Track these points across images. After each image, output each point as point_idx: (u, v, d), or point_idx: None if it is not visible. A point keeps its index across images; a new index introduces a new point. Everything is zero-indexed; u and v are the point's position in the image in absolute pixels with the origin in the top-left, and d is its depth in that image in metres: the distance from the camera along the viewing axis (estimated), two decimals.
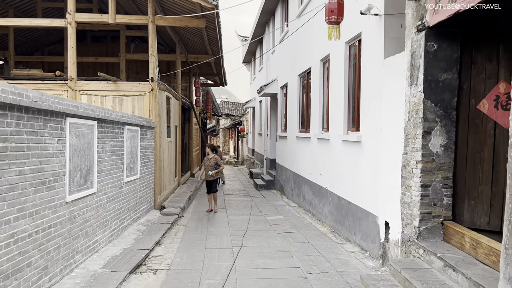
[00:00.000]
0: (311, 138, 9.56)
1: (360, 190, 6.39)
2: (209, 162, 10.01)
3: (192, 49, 14.58)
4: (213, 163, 9.98)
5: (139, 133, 8.01)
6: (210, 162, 10.00)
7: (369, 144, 6.06)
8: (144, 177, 8.48)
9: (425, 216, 4.59)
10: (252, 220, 9.11)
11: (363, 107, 6.32)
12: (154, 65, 9.55)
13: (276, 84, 14.60)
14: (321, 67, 8.94)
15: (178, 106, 13.66)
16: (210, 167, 9.95)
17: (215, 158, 10.01)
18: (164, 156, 10.75)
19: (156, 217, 8.65)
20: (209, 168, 9.95)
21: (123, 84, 9.57)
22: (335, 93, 7.73)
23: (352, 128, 7.07)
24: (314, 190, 9.24)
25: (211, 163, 9.98)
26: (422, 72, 4.57)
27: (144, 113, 9.47)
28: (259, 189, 14.58)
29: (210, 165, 9.97)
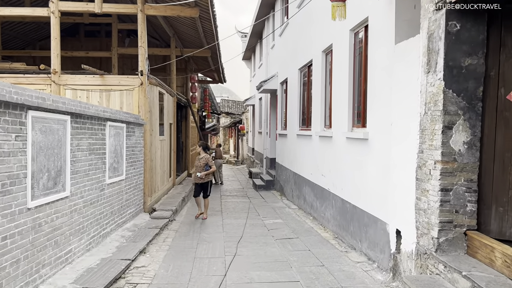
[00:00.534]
0: (312, 135, 8.89)
1: (367, 193, 5.73)
2: (199, 162, 8.90)
3: (188, 43, 13.92)
4: (202, 164, 8.82)
5: (125, 130, 7.36)
6: (200, 162, 8.88)
7: (377, 142, 5.40)
8: (131, 178, 7.82)
9: (445, 225, 3.92)
10: (249, 224, 8.45)
11: (371, 100, 5.65)
12: (143, 57, 8.89)
13: (275, 80, 13.93)
14: (323, 59, 8.27)
15: (173, 102, 13.02)
16: (200, 168, 8.83)
17: (205, 158, 8.88)
18: (156, 155, 10.10)
19: (144, 221, 8.00)
20: (198, 169, 8.86)
21: (111, 78, 8.92)
22: (339, 87, 7.07)
23: (357, 124, 6.41)
24: (316, 191, 8.58)
25: (200, 164, 8.86)
26: (442, 56, 3.90)
27: (133, 109, 8.81)
28: (258, 190, 13.93)
29: (199, 166, 8.85)
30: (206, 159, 8.87)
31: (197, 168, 8.92)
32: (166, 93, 11.77)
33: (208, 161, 8.87)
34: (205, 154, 8.96)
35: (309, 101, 9.54)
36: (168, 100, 12.18)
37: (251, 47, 22.31)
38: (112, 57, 12.95)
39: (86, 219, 5.64)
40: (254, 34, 19.47)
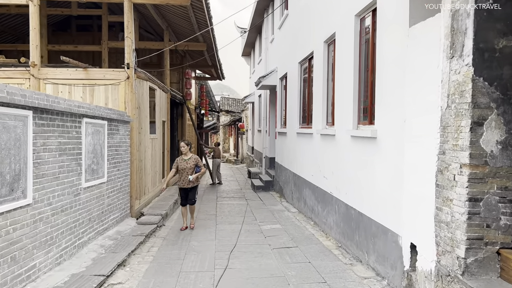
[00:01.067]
0: (313, 134, 8.20)
1: (375, 199, 5.03)
2: (187, 164, 7.63)
3: (182, 36, 13.21)
4: (192, 165, 7.66)
5: (106, 127, 6.68)
6: (188, 164, 7.63)
7: (387, 141, 4.70)
8: (115, 180, 7.15)
9: (474, 243, 3.23)
10: (244, 230, 7.77)
11: (379, 94, 4.95)
12: (130, 49, 8.20)
13: (275, 75, 13.23)
14: (325, 50, 7.57)
15: (166, 99, 12.33)
16: (189, 170, 7.63)
17: (194, 158, 7.74)
18: (145, 155, 9.42)
19: (130, 227, 7.33)
20: (187, 171, 7.62)
21: (95, 71, 8.23)
22: (342, 80, 6.37)
23: (363, 121, 5.71)
24: (317, 195, 7.89)
25: (189, 165, 7.62)
26: (470, 37, 3.20)
27: (119, 105, 8.13)
28: (256, 191, 13.24)
29: (188, 168, 7.62)
30: (195, 159, 7.77)
31: (183, 171, 7.64)
32: (158, 89, 11.08)
33: (198, 161, 7.81)
34: (192, 154, 7.87)
35: (310, 97, 8.85)
36: (161, 96, 11.50)
37: (251, 42, 21.62)
38: (103, 51, 12.26)
39: (56, 228, 4.96)
40: (253, 29, 18.75)
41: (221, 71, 18.43)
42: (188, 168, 7.66)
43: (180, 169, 7.67)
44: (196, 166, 7.78)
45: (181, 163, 7.69)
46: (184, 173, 7.66)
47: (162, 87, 11.35)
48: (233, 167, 25.40)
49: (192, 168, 7.70)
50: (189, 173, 7.66)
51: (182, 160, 7.73)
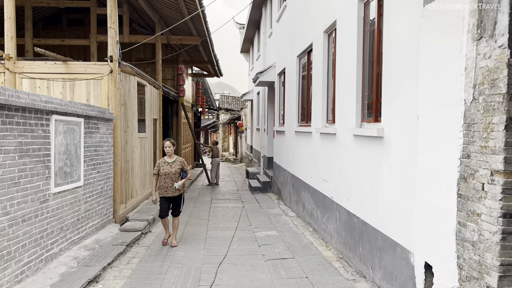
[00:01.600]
0: (312, 132, 7.55)
1: (382, 208, 4.38)
2: (171, 168, 6.40)
3: (175, 30, 12.57)
4: (177, 170, 6.46)
5: (83, 126, 6.04)
6: (173, 168, 6.41)
7: (396, 141, 4.05)
8: (94, 184, 6.51)
9: (509, 270, 2.58)
10: (237, 237, 7.13)
11: (387, 87, 4.30)
12: (113, 40, 7.55)
13: (273, 71, 12.58)
14: (324, 41, 6.91)
15: (158, 96, 11.68)
16: (173, 175, 6.41)
17: (180, 161, 6.53)
18: (133, 155, 8.79)
19: (111, 235, 6.69)
20: (171, 177, 6.40)
21: (76, 65, 7.59)
22: (344, 73, 5.72)
23: (368, 119, 5.06)
24: (316, 199, 7.25)
25: (174, 170, 6.41)
26: (505, 11, 2.55)
27: (101, 101, 7.50)
28: (253, 192, 12.61)
29: (172, 173, 6.39)
30: (180, 162, 6.57)
31: (168, 177, 6.40)
32: (149, 85, 10.44)
33: (184, 164, 6.61)
34: (177, 156, 6.64)
35: (309, 93, 8.20)
36: (152, 92, 10.86)
37: (249, 38, 20.96)
38: (91, 45, 11.65)
39: (15, 241, 4.33)
40: (251, 23, 18.10)
41: (218, 68, 17.78)
42: (173, 173, 6.42)
43: (162, 174, 6.42)
44: (182, 170, 6.62)
45: (164, 167, 6.44)
46: (167, 179, 6.41)
47: (153, 83, 10.71)
48: (231, 166, 24.77)
49: (178, 173, 6.50)
50: (174, 179, 6.44)
51: (165, 164, 6.48)
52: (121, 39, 11.64)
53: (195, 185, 14.86)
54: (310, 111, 8.01)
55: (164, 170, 6.44)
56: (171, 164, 6.51)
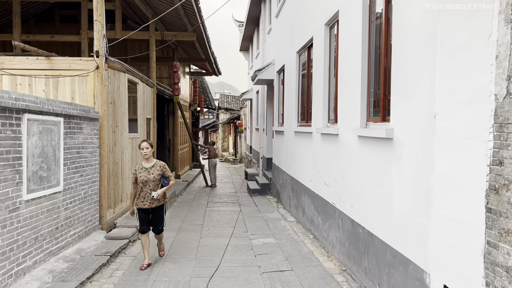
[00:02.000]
0: (312, 133, 7.05)
1: (391, 219, 3.88)
2: (149, 174, 5.40)
3: (170, 26, 12.09)
4: (157, 176, 5.44)
5: (63, 126, 5.55)
6: (152, 174, 5.41)
7: (408, 143, 3.55)
8: (77, 188, 6.02)
9: None
10: (232, 245, 6.64)
11: (397, 82, 3.79)
12: (99, 34, 7.06)
13: (272, 69, 12.08)
14: (326, 34, 6.41)
15: (152, 94, 11.19)
16: (152, 183, 5.42)
17: (160, 166, 5.52)
18: (123, 156, 8.30)
19: (95, 243, 6.20)
20: (149, 185, 5.41)
21: (60, 61, 7.10)
22: (347, 67, 5.22)
23: (374, 118, 4.56)
24: (317, 204, 6.75)
25: (153, 176, 5.41)
26: None
27: (87, 99, 7.01)
28: (252, 195, 12.11)
29: (151, 180, 5.40)
30: (161, 167, 5.54)
31: (146, 185, 5.40)
32: (141, 83, 9.95)
33: (165, 170, 5.56)
34: (157, 160, 5.65)
35: (309, 91, 7.70)
36: (145, 91, 10.37)
37: (249, 36, 20.46)
38: (82, 42, 11.17)
39: None
40: (250, 20, 17.59)
41: (216, 66, 17.28)
42: (152, 180, 5.39)
43: (140, 182, 5.40)
44: (163, 177, 5.57)
45: (142, 174, 5.40)
46: (146, 188, 5.40)
47: (145, 80, 10.22)
48: (230, 167, 24.29)
49: (158, 180, 5.47)
50: (153, 187, 5.41)
51: (142, 170, 5.45)
52: (113, 35, 11.19)
53: (192, 187, 14.38)
54: (310, 110, 7.51)
55: (142, 177, 5.39)
56: (149, 169, 5.45)
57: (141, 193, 5.46)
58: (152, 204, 5.46)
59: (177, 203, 10.93)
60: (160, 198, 5.52)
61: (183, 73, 17.32)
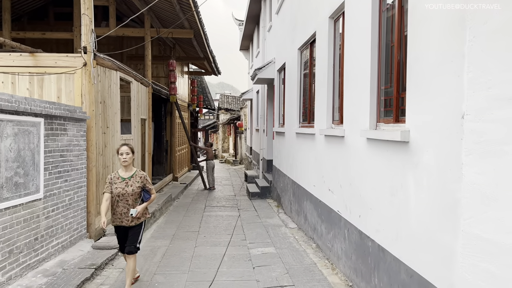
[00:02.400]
0: (315, 134, 6.58)
1: (407, 233, 3.40)
2: (127, 186, 4.49)
3: (166, 23, 11.63)
4: (136, 189, 4.53)
5: (43, 127, 5.09)
6: (131, 186, 4.50)
7: (428, 147, 3.07)
8: (60, 195, 5.56)
9: None
10: (229, 256, 6.16)
11: (414, 77, 3.31)
12: (87, 29, 6.60)
13: (272, 67, 11.61)
14: (330, 28, 5.94)
15: (147, 94, 10.73)
16: (130, 197, 4.51)
17: (140, 177, 4.59)
18: (114, 159, 7.83)
19: (81, 254, 5.74)
20: (127, 198, 4.50)
21: (45, 57, 6.64)
22: (355, 62, 4.75)
23: (385, 118, 4.08)
24: (321, 211, 6.28)
25: (132, 189, 4.50)
26: None
27: (74, 98, 6.55)
28: (251, 198, 11.64)
29: (129, 194, 4.49)
30: (142, 178, 4.60)
31: (123, 198, 4.49)
32: (136, 81, 9.50)
33: (146, 181, 4.64)
34: (137, 169, 4.67)
35: (312, 90, 7.23)
36: (139, 90, 9.92)
37: (249, 35, 20.00)
38: (74, 39, 10.71)
39: None
40: (250, 18, 17.13)
41: (215, 65, 16.83)
42: (130, 193, 4.47)
43: (115, 195, 4.48)
44: (144, 190, 4.63)
45: (118, 185, 4.48)
46: (122, 202, 4.48)
47: (140, 79, 9.76)
48: (230, 168, 23.82)
49: (137, 194, 4.55)
50: (131, 202, 4.49)
51: (119, 180, 4.51)
52: (106, 31, 10.72)
53: (190, 190, 13.92)
54: (313, 110, 7.04)
55: (118, 189, 4.46)
56: (128, 180, 4.52)
57: (117, 208, 4.51)
58: (131, 223, 4.54)
59: (173, 207, 10.47)
60: (140, 216, 4.59)
61: (181, 72, 16.87)
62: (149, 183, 4.69)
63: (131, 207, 4.50)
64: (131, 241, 4.57)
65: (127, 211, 4.49)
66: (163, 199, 10.05)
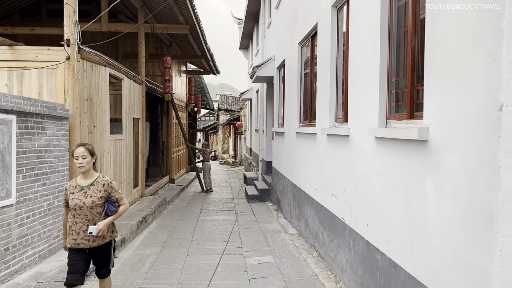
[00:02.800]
0: (317, 134, 6.08)
1: (425, 249, 2.90)
2: (86, 196, 3.58)
3: (160, 18, 11.16)
4: (97, 200, 3.60)
5: (15, 125, 4.60)
6: (90, 197, 3.58)
7: (453, 146, 2.57)
8: (37, 200, 5.06)
9: None
10: (223, 266, 5.67)
11: (435, 63, 2.81)
12: (70, 20, 6.12)
13: (272, 65, 11.13)
14: (333, 18, 5.45)
15: (140, 92, 10.25)
16: (90, 211, 3.58)
17: (103, 184, 3.67)
18: (103, 161, 7.35)
19: (61, 264, 5.23)
20: (86, 213, 3.57)
21: (25, 50, 6.17)
22: (361, 53, 4.25)
23: (397, 114, 3.58)
24: (323, 217, 5.77)
25: (91, 200, 3.57)
26: None
27: (56, 95, 6.07)
28: (250, 201, 11.14)
29: (88, 206, 3.57)
30: (106, 185, 3.66)
31: (81, 212, 3.56)
32: (127, 79, 9.01)
33: (112, 190, 3.69)
34: (101, 175, 3.74)
35: (313, 86, 6.74)
36: (132, 88, 9.43)
37: (248, 33, 19.53)
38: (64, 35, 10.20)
39: None
40: (249, 15, 16.67)
41: (214, 63, 16.36)
42: (89, 206, 3.55)
43: (71, 208, 3.59)
44: (108, 201, 3.67)
45: (75, 195, 3.58)
46: (80, 217, 3.55)
47: (132, 76, 9.28)
48: (230, 169, 23.33)
49: (99, 207, 3.60)
50: (91, 216, 3.57)
51: (76, 189, 3.61)
52: (98, 27, 10.30)
53: (187, 192, 13.43)
54: (314, 107, 6.55)
55: (73, 200, 3.55)
56: (86, 189, 3.59)
57: (73, 225, 3.56)
58: (92, 243, 3.57)
59: (168, 211, 9.97)
60: (102, 234, 3.55)
61: (178, 71, 16.40)
62: (116, 192, 3.71)
63: (92, 223, 3.56)
64: (102, 265, 3.76)
65: (86, 228, 3.54)
66: (157, 202, 9.55)
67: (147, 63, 14.27)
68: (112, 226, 3.77)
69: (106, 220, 3.60)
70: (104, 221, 3.58)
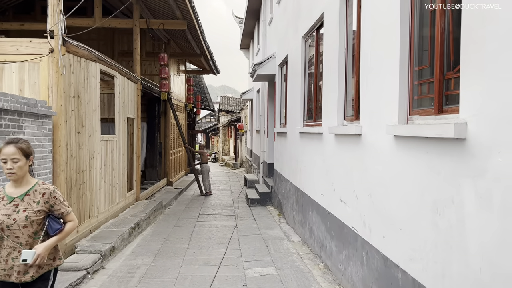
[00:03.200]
0: (323, 134, 5.56)
1: (462, 273, 2.38)
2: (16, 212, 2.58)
3: (156, 13, 10.67)
4: (32, 215, 2.61)
5: None
6: (20, 212, 2.59)
7: (502, 147, 2.05)
8: None
9: None
10: (220, 278, 5.15)
11: (478, 46, 2.30)
12: (54, 9, 5.62)
13: (273, 62, 10.62)
14: (342, 6, 4.94)
15: (135, 90, 9.74)
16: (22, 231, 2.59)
17: (43, 193, 2.67)
18: (93, 163, 6.84)
19: None
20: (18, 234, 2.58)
21: (5, 42, 5.66)
22: (376, 42, 3.74)
23: (420, 109, 3.06)
24: (330, 225, 5.25)
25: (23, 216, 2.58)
26: None
27: (39, 91, 5.57)
28: (250, 205, 10.62)
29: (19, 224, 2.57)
30: (46, 195, 2.68)
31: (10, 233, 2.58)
32: (121, 76, 8.51)
33: (55, 202, 2.70)
34: (40, 182, 2.74)
35: (318, 82, 6.23)
36: (126, 86, 8.93)
37: (249, 32, 19.04)
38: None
39: None
40: (250, 13, 16.18)
41: (213, 63, 15.87)
42: (21, 223, 2.59)
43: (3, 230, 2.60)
44: (50, 217, 2.71)
45: (2, 209, 2.61)
46: (10, 238, 2.59)
47: (126, 74, 8.77)
48: (230, 171, 22.81)
49: (36, 224, 2.65)
50: (24, 238, 2.61)
51: (3, 201, 2.64)
52: (91, 23, 9.79)
53: (185, 195, 12.91)
54: (319, 105, 6.04)
55: (2, 217, 2.59)
56: (19, 201, 2.64)
57: (1, 250, 2.62)
58: (24, 275, 2.60)
59: (164, 215, 9.45)
60: (40, 263, 2.60)
61: (177, 70, 15.91)
62: (61, 204, 2.75)
63: (27, 248, 2.61)
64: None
65: (19, 255, 2.58)
66: (152, 206, 9.03)
67: (144, 62, 13.79)
68: (54, 252, 2.76)
69: (47, 243, 2.63)
70: (44, 244, 2.61)
